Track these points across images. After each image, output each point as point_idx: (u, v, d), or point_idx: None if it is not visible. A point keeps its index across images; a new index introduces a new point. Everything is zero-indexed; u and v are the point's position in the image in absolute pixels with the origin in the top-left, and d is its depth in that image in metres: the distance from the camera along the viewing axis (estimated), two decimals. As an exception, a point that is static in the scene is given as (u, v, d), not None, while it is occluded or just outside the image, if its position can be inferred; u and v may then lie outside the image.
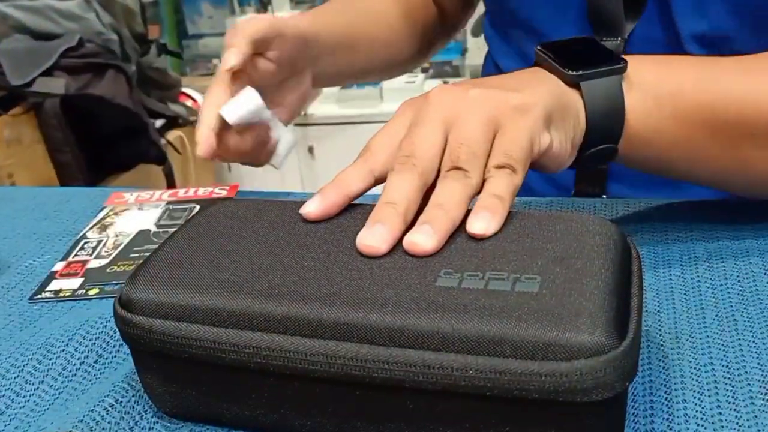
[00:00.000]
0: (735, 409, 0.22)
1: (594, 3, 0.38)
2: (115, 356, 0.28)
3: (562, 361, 0.18)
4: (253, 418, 0.22)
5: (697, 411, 0.23)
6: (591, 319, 0.19)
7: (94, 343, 0.28)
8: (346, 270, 0.22)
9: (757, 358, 0.25)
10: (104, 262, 0.35)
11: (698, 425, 0.22)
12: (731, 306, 0.28)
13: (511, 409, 0.20)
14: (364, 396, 0.21)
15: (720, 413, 0.22)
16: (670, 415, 0.22)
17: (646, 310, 0.28)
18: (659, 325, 0.27)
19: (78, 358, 0.28)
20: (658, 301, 0.28)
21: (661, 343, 0.26)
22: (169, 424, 0.24)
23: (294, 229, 0.24)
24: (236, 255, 0.23)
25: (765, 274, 0.29)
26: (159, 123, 1.32)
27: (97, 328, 0.29)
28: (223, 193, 0.42)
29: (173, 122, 1.39)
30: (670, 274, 0.30)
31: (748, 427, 0.22)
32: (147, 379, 0.23)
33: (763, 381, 0.24)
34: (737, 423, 0.22)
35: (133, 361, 0.24)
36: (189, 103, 1.54)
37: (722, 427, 0.22)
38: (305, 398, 0.21)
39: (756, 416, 0.22)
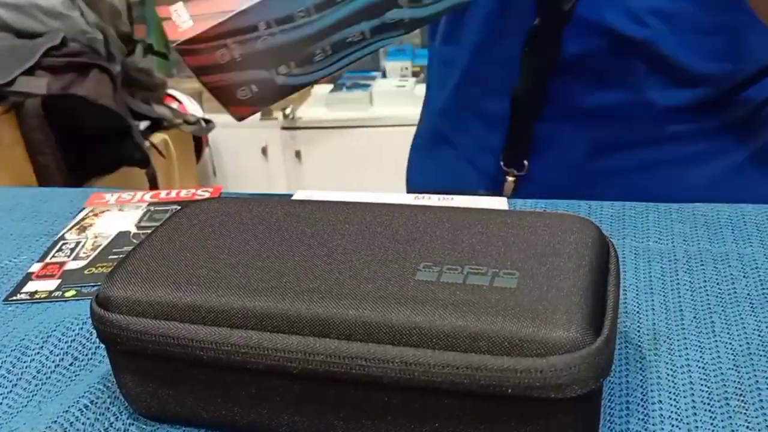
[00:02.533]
0: (710, 410, 0.23)
1: None
2: (90, 358, 0.27)
3: (538, 357, 0.18)
4: (229, 418, 0.22)
5: (672, 412, 0.23)
6: (567, 316, 0.19)
7: (70, 345, 0.28)
8: (326, 264, 0.22)
9: (734, 359, 0.25)
10: (82, 263, 0.34)
11: (673, 426, 0.22)
12: (709, 308, 0.28)
13: (487, 405, 0.20)
14: (341, 393, 0.21)
15: (695, 414, 0.23)
16: (645, 415, 0.23)
17: (626, 311, 0.28)
18: (638, 326, 0.27)
19: (53, 360, 0.27)
20: (637, 302, 0.29)
21: (639, 343, 0.26)
22: (144, 426, 0.23)
23: (274, 226, 0.24)
24: (215, 252, 0.23)
25: (744, 277, 0.30)
26: (143, 125, 1.31)
27: (73, 330, 0.28)
28: (206, 195, 0.42)
29: (158, 124, 1.38)
30: (651, 276, 0.30)
31: (723, 428, 0.22)
32: (123, 379, 0.23)
33: (739, 382, 0.24)
34: (712, 424, 0.22)
35: (109, 361, 0.23)
36: (174, 105, 1.53)
37: (697, 427, 0.22)
38: (283, 397, 0.21)
39: (730, 417, 0.22)
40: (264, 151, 1.69)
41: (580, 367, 0.18)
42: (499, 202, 0.35)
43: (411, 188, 0.53)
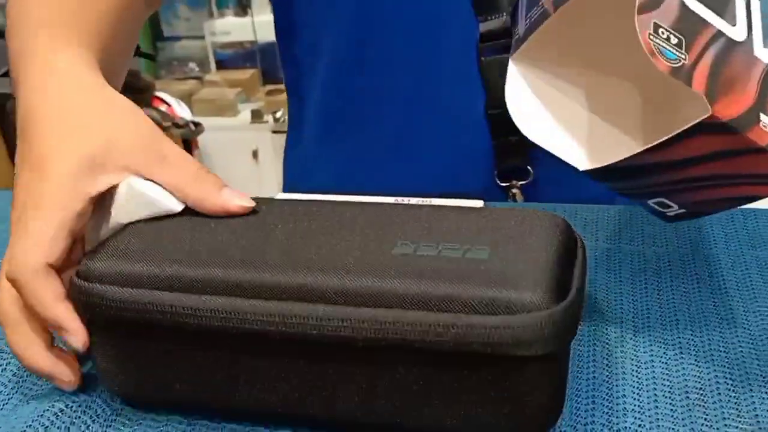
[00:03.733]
0: (671, 403, 0.24)
1: None
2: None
3: (506, 315, 0.19)
4: (206, 393, 0.23)
5: (635, 405, 0.24)
6: (534, 281, 0.20)
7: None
8: (308, 242, 0.23)
9: (695, 354, 0.26)
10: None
11: (636, 418, 0.23)
12: (674, 306, 0.29)
13: (458, 368, 0.20)
14: (317, 363, 0.21)
15: (657, 407, 0.23)
16: (610, 409, 0.23)
17: (596, 310, 0.29)
18: (606, 325, 0.28)
19: (30, 364, 0.27)
20: (608, 302, 0.29)
21: (607, 342, 0.27)
22: (121, 427, 0.24)
23: (257, 216, 0.25)
24: (198, 233, 0.24)
25: (709, 276, 0.31)
26: (132, 128, 1.30)
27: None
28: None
29: (147, 127, 1.36)
30: (621, 276, 0.31)
31: (682, 419, 0.23)
32: (101, 357, 0.23)
33: (699, 376, 0.25)
34: (672, 416, 0.23)
35: (88, 337, 0.23)
36: (163, 107, 1.53)
37: (658, 419, 0.23)
38: (259, 367, 0.22)
39: (690, 409, 0.23)
40: (255, 154, 1.69)
41: (542, 326, 0.19)
42: (475, 203, 0.35)
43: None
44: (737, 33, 0.23)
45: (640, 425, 0.23)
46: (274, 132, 1.67)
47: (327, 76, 0.44)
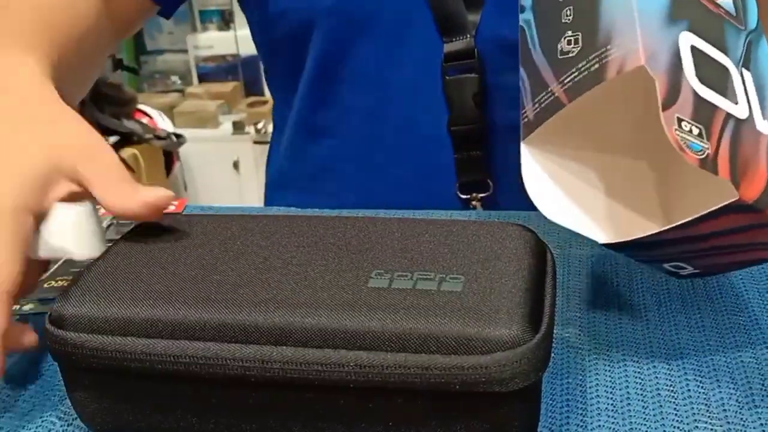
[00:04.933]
0: (642, 401, 0.24)
1: (436, 4, 0.39)
2: (42, 374, 0.27)
3: (483, 355, 0.20)
4: (189, 429, 0.23)
5: (608, 404, 0.24)
6: (508, 316, 0.21)
7: (28, 363, 0.27)
8: (281, 275, 0.23)
9: (665, 352, 0.27)
10: (42, 276, 0.34)
11: (609, 416, 0.24)
12: (644, 307, 0.30)
13: (438, 403, 0.21)
14: (300, 399, 0.21)
15: (629, 404, 0.24)
16: (584, 410, 0.24)
17: (569, 317, 0.30)
18: (580, 330, 0.29)
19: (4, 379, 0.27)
20: (580, 307, 0.30)
21: (580, 345, 0.28)
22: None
23: (228, 240, 0.25)
24: (171, 267, 0.23)
25: (677, 278, 0.32)
26: (112, 140, 1.30)
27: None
28: (171, 208, 0.42)
29: (127, 139, 1.37)
30: (593, 280, 0.32)
31: (653, 416, 0.24)
32: (78, 397, 0.23)
33: (669, 373, 0.26)
34: (644, 413, 0.24)
35: (62, 378, 0.23)
36: (145, 120, 1.52)
37: (630, 416, 0.24)
38: (243, 405, 0.22)
39: (661, 406, 0.24)
40: (236, 165, 1.69)
41: (521, 362, 0.20)
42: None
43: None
44: (741, 111, 0.24)
45: (614, 422, 0.23)
46: (256, 143, 1.67)
47: (303, 89, 0.45)
